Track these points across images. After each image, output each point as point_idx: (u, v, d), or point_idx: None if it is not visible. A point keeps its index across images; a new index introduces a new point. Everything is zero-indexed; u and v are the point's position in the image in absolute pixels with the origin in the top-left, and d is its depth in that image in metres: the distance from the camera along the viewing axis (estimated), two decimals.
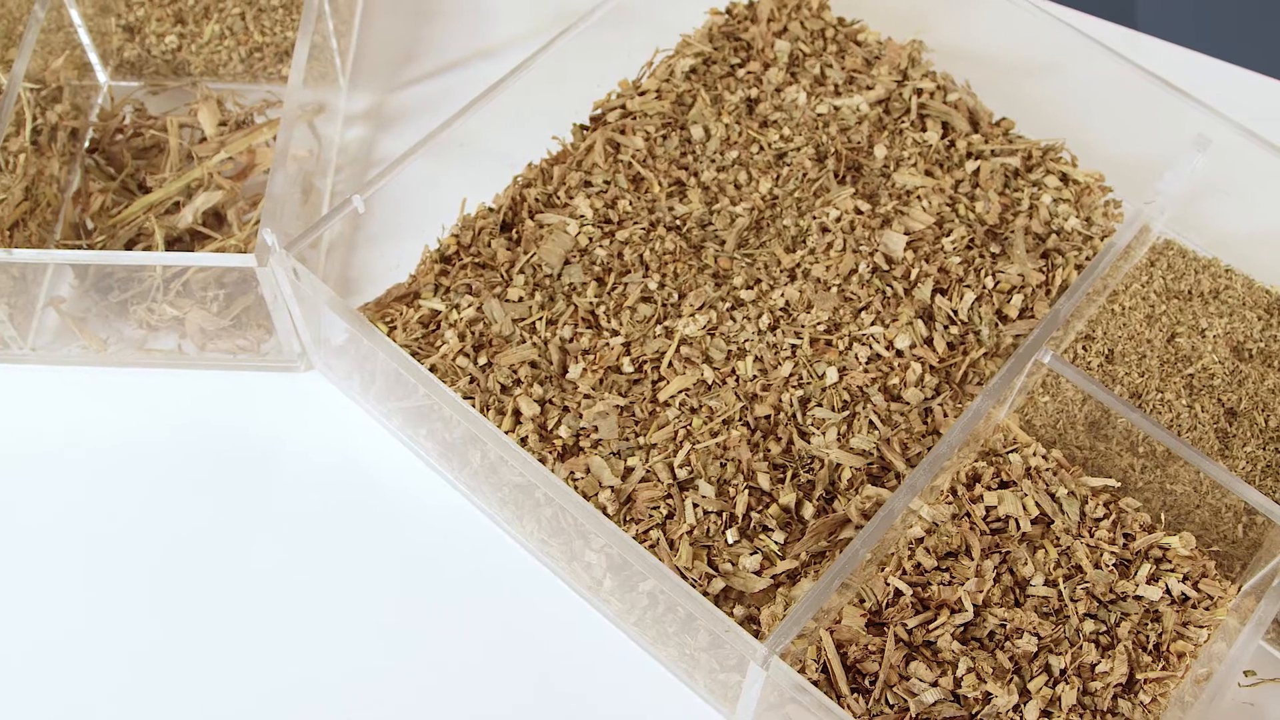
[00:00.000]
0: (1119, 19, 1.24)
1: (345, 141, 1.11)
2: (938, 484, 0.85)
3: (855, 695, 0.77)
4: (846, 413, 0.89)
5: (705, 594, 0.81)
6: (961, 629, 0.79)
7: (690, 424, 0.88)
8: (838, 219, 0.97)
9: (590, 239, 0.96)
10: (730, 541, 0.83)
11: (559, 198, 0.99)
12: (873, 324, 0.92)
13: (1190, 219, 1.03)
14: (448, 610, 0.89)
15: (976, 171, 1.02)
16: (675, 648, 0.84)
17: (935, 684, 0.77)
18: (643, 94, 1.05)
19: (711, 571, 0.82)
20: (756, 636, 0.80)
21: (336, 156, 1.09)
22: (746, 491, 0.85)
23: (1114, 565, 0.83)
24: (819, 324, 0.92)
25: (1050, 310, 0.88)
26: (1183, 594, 0.83)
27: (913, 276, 0.95)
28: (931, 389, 0.91)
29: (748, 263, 0.96)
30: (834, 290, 0.94)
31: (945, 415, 0.90)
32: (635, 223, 0.97)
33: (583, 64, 1.02)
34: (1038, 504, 0.85)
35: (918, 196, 0.99)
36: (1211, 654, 0.80)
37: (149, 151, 1.04)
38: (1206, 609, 0.83)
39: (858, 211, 0.98)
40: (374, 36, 1.18)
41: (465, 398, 0.89)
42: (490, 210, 0.99)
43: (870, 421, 0.89)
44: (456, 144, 0.95)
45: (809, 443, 0.88)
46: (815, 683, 0.78)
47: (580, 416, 0.88)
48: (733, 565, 0.83)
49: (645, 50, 1.08)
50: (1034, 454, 0.88)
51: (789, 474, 0.86)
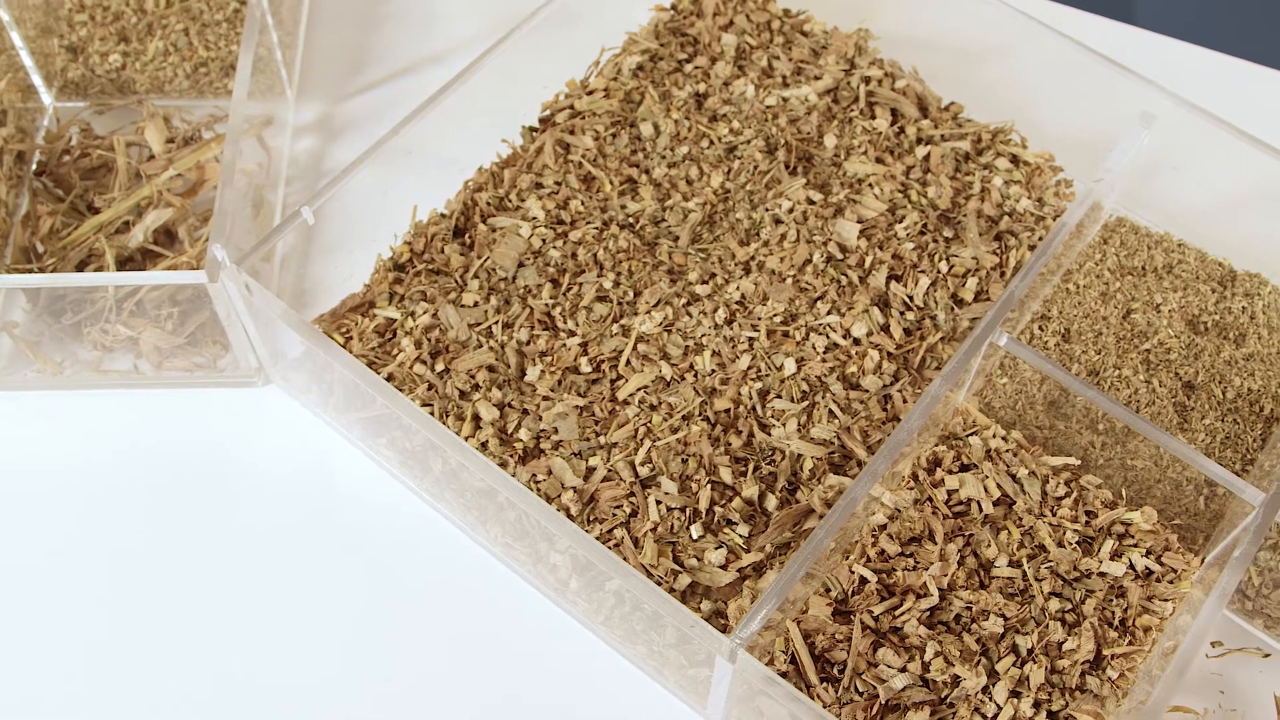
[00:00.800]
0: None
1: (295, 153, 1.10)
2: (899, 470, 0.85)
3: (824, 684, 0.77)
4: (806, 403, 0.89)
5: (671, 590, 0.81)
6: (928, 613, 0.80)
7: (650, 421, 0.88)
8: (790, 210, 0.98)
9: (543, 240, 0.96)
10: (695, 537, 0.83)
11: (510, 201, 0.99)
12: (829, 313, 0.93)
13: (1141, 195, 1.04)
14: (416, 618, 0.89)
15: (927, 157, 1.02)
16: (644, 645, 0.84)
17: (904, 669, 0.77)
18: (591, 93, 1.05)
19: (677, 568, 0.82)
20: (724, 630, 0.80)
21: (287, 168, 1.09)
22: (709, 486, 0.85)
23: (1077, 543, 0.83)
24: (775, 316, 0.92)
25: (1004, 292, 0.88)
26: (1146, 568, 0.83)
27: (867, 264, 0.95)
28: (890, 376, 0.91)
29: (702, 258, 0.96)
30: (789, 281, 0.94)
31: (904, 401, 0.90)
32: (588, 222, 0.97)
33: (529, 66, 1.02)
34: (999, 485, 0.85)
35: (869, 184, 1.00)
36: (1178, 627, 0.80)
37: (97, 172, 1.03)
38: (1170, 582, 0.83)
39: (810, 202, 0.98)
40: (320, 46, 1.18)
41: (424, 405, 0.89)
42: (442, 216, 0.99)
43: (830, 411, 0.89)
44: (404, 151, 0.95)
45: (770, 435, 0.88)
46: (784, 674, 0.78)
47: (540, 418, 0.88)
48: (698, 560, 0.83)
49: (591, 50, 1.08)
50: (994, 436, 0.88)
51: (751, 467, 0.86)
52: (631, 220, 0.98)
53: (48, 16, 1.09)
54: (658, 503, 0.84)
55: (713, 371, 0.90)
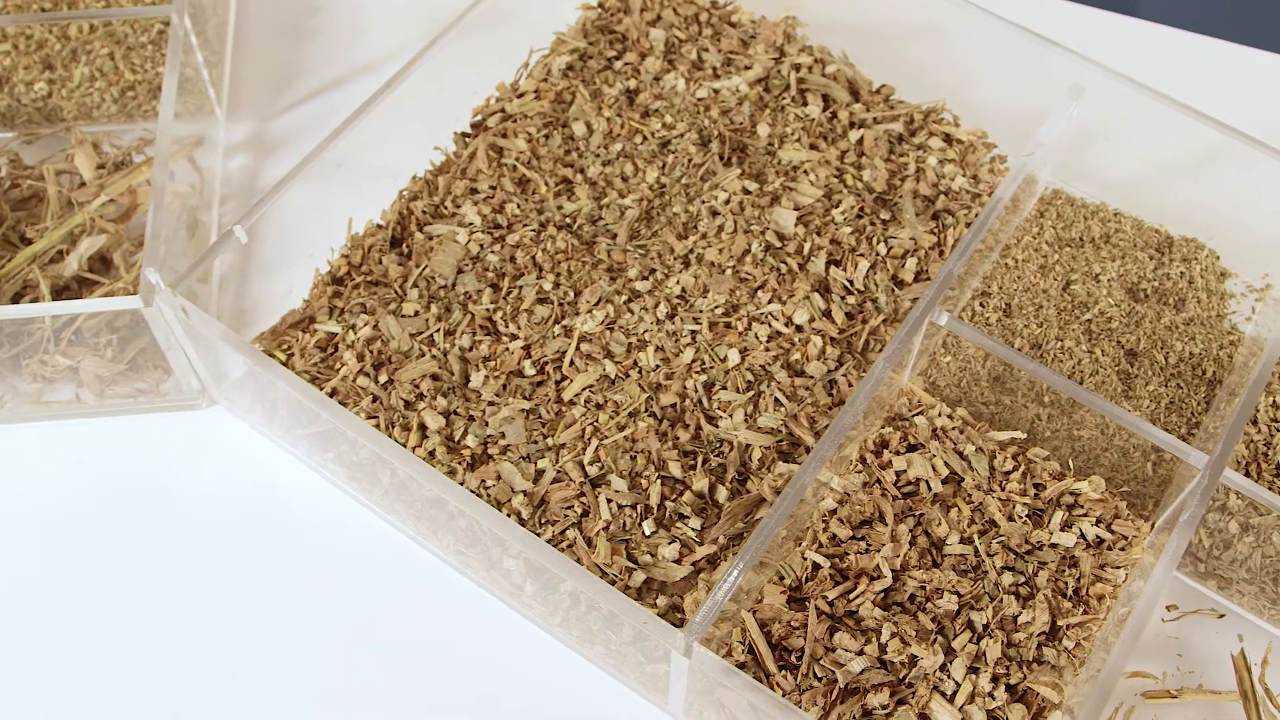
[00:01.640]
0: None
1: (229, 172, 1.09)
2: (846, 454, 0.85)
3: (783, 672, 0.77)
4: (751, 393, 0.89)
5: (627, 588, 0.81)
6: (882, 595, 0.80)
7: (597, 420, 0.87)
8: (726, 201, 0.98)
9: (481, 246, 0.96)
10: (647, 533, 0.83)
11: (446, 208, 0.99)
12: (770, 302, 0.93)
13: (1076, 167, 1.04)
14: (374, 631, 0.88)
15: (860, 140, 1.02)
16: (602, 645, 0.84)
17: (861, 652, 0.77)
18: (521, 96, 1.04)
19: (631, 565, 0.82)
20: (681, 625, 0.80)
21: (221, 188, 1.08)
22: (659, 481, 0.85)
23: (1027, 516, 0.84)
24: (716, 307, 0.92)
25: (940, 271, 0.88)
26: (1097, 537, 0.84)
27: (806, 251, 0.95)
28: (834, 361, 0.91)
29: (641, 254, 0.95)
30: (729, 272, 0.94)
31: (850, 385, 0.90)
32: (525, 225, 0.97)
33: (458, 71, 1.02)
34: (946, 463, 0.85)
35: (804, 171, 1.00)
36: (1131, 593, 0.80)
37: (28, 202, 1.02)
38: (1122, 549, 0.84)
39: (746, 192, 0.98)
40: (249, 63, 1.17)
41: (369, 418, 0.88)
42: (378, 227, 0.98)
43: (776, 399, 0.89)
44: (336, 164, 0.95)
45: (717, 426, 0.88)
46: (743, 664, 0.78)
47: (486, 424, 0.88)
48: (652, 556, 0.83)
49: (520, 51, 1.07)
50: (939, 414, 0.89)
51: (700, 459, 0.86)
52: (568, 220, 0.97)
53: None
54: (609, 501, 0.84)
55: (657, 367, 0.90)
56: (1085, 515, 0.84)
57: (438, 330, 0.92)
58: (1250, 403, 0.83)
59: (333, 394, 0.90)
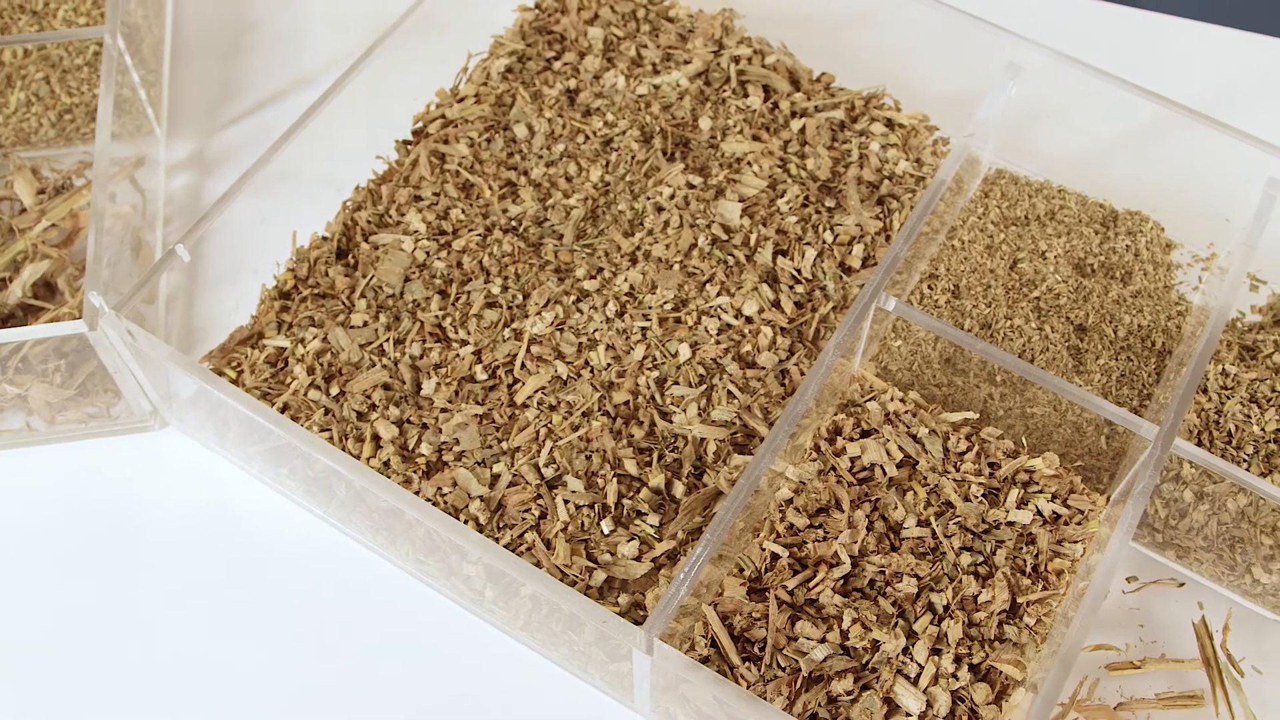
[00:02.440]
0: None
1: (172, 191, 1.09)
2: (800, 443, 0.85)
3: (747, 664, 0.77)
4: (704, 386, 0.89)
5: (588, 588, 0.81)
6: (841, 582, 0.80)
7: (550, 422, 0.87)
8: (671, 196, 0.97)
9: (427, 253, 0.95)
10: (606, 532, 0.83)
11: (391, 216, 0.98)
12: (719, 295, 0.93)
13: (1019, 146, 1.05)
14: (338, 645, 0.88)
15: (803, 129, 1.02)
16: (566, 647, 0.83)
17: (823, 640, 0.77)
18: (461, 100, 1.04)
19: (591, 564, 0.82)
20: (643, 623, 0.80)
21: (164, 208, 1.07)
22: (615, 480, 0.85)
23: (983, 496, 0.84)
24: (665, 303, 0.92)
25: (885, 255, 0.88)
26: (1053, 512, 0.84)
27: (752, 242, 0.95)
28: (785, 350, 0.91)
29: (588, 253, 0.95)
30: (676, 268, 0.94)
31: (802, 374, 0.90)
32: (470, 230, 0.96)
33: (398, 78, 1.01)
34: (900, 447, 0.85)
35: (748, 162, 1.00)
36: (1089, 566, 0.81)
37: None
38: (1078, 524, 0.84)
39: (690, 186, 0.98)
40: (187, 80, 1.16)
41: (321, 431, 0.88)
42: (323, 239, 0.98)
43: (729, 392, 0.89)
44: (278, 178, 0.94)
45: (671, 422, 0.88)
46: (706, 658, 0.78)
47: (440, 431, 0.87)
48: (612, 555, 0.82)
49: (458, 56, 1.07)
50: (891, 399, 0.89)
51: (655, 456, 0.86)
52: (514, 223, 0.97)
53: None
54: (566, 502, 0.84)
55: (608, 365, 0.90)
56: (1040, 492, 0.85)
57: (387, 340, 0.91)
58: (1198, 372, 0.84)
59: (284, 409, 0.89)
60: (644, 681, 0.78)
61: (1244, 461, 0.86)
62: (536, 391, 0.89)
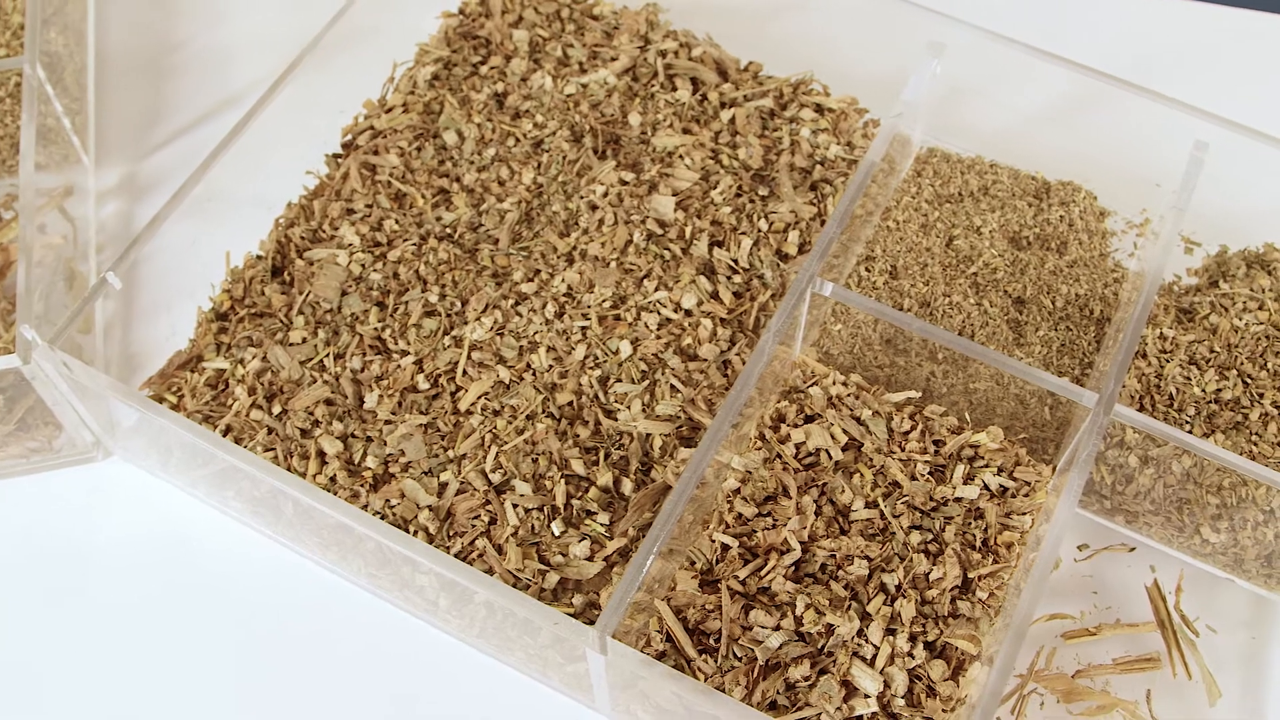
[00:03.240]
0: None
1: (103, 219, 1.07)
2: (745, 432, 0.85)
3: (704, 656, 0.77)
4: (647, 382, 0.89)
5: (542, 590, 0.81)
6: (792, 568, 0.80)
7: (495, 427, 0.87)
8: (604, 194, 0.97)
9: (363, 266, 0.95)
10: (556, 533, 0.83)
11: (324, 231, 0.98)
12: (657, 290, 0.93)
13: (949, 124, 1.05)
14: (295, 663, 0.87)
15: (733, 120, 1.02)
16: (522, 651, 0.83)
17: (777, 627, 0.77)
18: (389, 111, 1.04)
19: (544, 567, 0.82)
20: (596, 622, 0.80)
21: (96, 236, 1.06)
22: (563, 481, 0.85)
23: (929, 474, 0.84)
24: (604, 301, 0.92)
25: (819, 239, 0.89)
26: (1000, 486, 0.84)
27: (688, 235, 0.95)
28: (726, 341, 0.91)
29: (524, 256, 0.95)
30: (613, 265, 0.94)
31: (744, 364, 0.90)
32: (405, 240, 0.96)
33: (323, 92, 1.01)
34: (844, 430, 0.85)
35: (679, 156, 1.00)
36: (1039, 537, 0.81)
37: None
38: (1026, 496, 0.84)
39: (623, 183, 0.98)
40: (113, 106, 1.15)
41: (266, 450, 0.87)
42: (258, 258, 0.97)
43: (671, 386, 0.89)
44: (207, 199, 0.93)
45: (616, 419, 0.88)
46: (663, 653, 0.78)
47: (385, 443, 0.87)
48: (564, 556, 0.82)
49: (384, 66, 1.07)
50: (833, 383, 0.89)
51: (602, 455, 0.86)
52: (448, 230, 0.97)
53: None
54: (515, 506, 0.84)
55: (550, 367, 0.90)
56: (986, 466, 0.85)
57: (327, 355, 0.91)
58: (1134, 337, 0.85)
59: (226, 431, 0.89)
60: (601, 681, 0.78)
61: (1186, 424, 0.87)
62: (480, 398, 0.88)
